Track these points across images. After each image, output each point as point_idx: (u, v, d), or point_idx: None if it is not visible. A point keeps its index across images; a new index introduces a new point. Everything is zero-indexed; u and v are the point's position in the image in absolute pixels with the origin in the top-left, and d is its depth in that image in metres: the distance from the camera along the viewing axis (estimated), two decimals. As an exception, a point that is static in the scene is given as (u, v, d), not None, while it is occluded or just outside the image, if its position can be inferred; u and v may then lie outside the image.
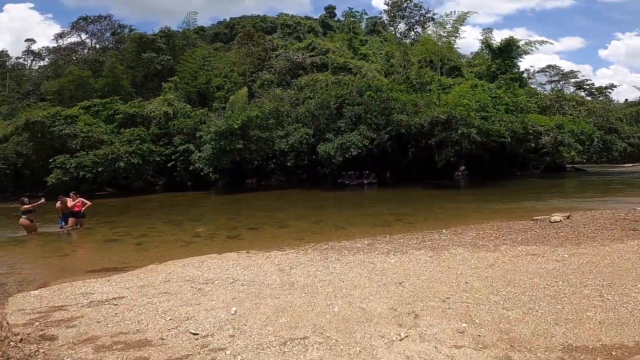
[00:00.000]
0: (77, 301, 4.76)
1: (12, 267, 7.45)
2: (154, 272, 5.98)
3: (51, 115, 28.46)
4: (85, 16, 45.95)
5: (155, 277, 5.63)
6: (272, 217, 13.48)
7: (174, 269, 6.09)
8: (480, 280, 5.13)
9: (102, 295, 4.95)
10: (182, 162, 31.12)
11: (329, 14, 60.71)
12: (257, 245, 8.54)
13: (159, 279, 5.55)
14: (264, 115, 27.04)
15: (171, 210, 18.05)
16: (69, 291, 5.17)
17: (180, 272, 5.87)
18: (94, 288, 5.29)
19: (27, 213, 11.70)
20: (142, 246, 9.21)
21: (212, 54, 41.25)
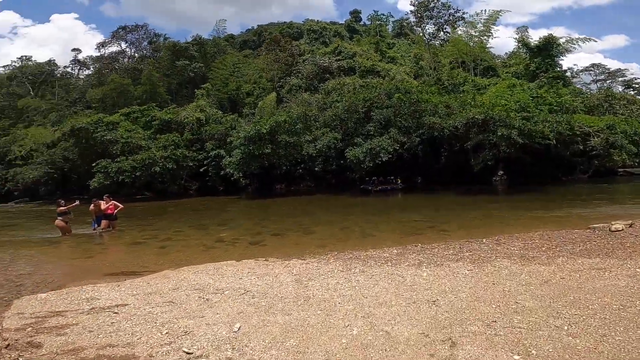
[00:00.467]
0: (79, 307, 4.47)
1: (37, 267, 7.44)
2: (166, 279, 5.60)
3: (94, 121, 29.99)
4: (124, 26, 48.37)
5: (165, 284, 5.24)
6: (298, 223, 12.96)
7: (187, 276, 5.69)
8: (535, 299, 4.26)
9: (106, 302, 4.63)
10: (213, 167, 31.67)
11: (354, 18, 60.18)
12: (279, 252, 8.04)
13: (168, 286, 5.15)
14: (292, 120, 26.82)
15: (200, 215, 18.13)
16: (75, 296, 4.90)
17: (191, 280, 5.45)
18: (101, 293, 4.99)
19: (62, 215, 11.93)
20: (165, 250, 9.01)
21: (242, 60, 41.98)
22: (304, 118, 28.05)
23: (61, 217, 11.91)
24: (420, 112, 24.60)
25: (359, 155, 23.41)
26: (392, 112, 25.14)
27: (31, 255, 9.07)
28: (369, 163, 23.39)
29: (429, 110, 24.48)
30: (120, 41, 46.44)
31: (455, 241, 7.71)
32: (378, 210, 16.53)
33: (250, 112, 33.76)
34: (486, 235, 8.40)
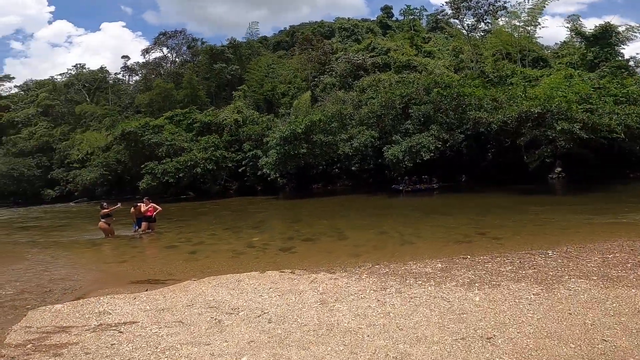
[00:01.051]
0: (87, 322, 4.13)
1: (71, 272, 7.46)
2: (183, 292, 5.14)
3: (142, 125, 31.54)
4: (164, 32, 50.37)
5: (181, 299, 4.78)
6: (332, 227, 12.23)
7: (205, 290, 5.19)
8: (629, 335, 3.21)
9: (115, 318, 4.25)
10: (251, 167, 32.00)
11: (386, 14, 58.06)
12: (308, 262, 7.41)
13: (183, 302, 4.67)
14: (327, 119, 26.17)
15: (236, 216, 18.07)
16: (89, 309, 4.58)
17: (209, 295, 4.94)
18: (115, 307, 4.63)
19: (105, 217, 12.19)
20: (195, 255, 8.75)
21: (276, 61, 42.12)
22: (339, 116, 27.28)
23: (104, 220, 12.16)
24: (464, 106, 22.81)
25: (398, 154, 22.19)
26: (431, 107, 23.58)
27: (71, 258, 9.26)
28: (408, 162, 22.10)
29: (473, 104, 22.59)
30: (162, 47, 48.72)
31: (512, 253, 6.54)
32: (419, 213, 15.29)
33: (286, 112, 33.68)
34: (549, 244, 7.12)
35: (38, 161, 42.28)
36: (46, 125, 44.42)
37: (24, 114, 46.07)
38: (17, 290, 5.94)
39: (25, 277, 6.94)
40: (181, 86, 40.14)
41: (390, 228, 11.34)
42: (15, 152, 42.27)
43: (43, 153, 42.45)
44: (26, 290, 5.99)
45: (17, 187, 41.05)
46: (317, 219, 15.09)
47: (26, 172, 40.82)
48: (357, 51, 39.93)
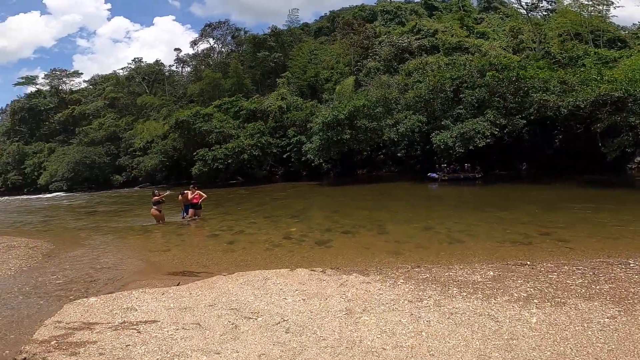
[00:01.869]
0: (112, 319, 4.19)
1: (118, 260, 7.76)
2: (209, 290, 5.03)
3: (193, 114, 33.00)
4: (209, 23, 51.44)
5: (205, 298, 4.66)
6: (373, 218, 11.62)
7: (231, 288, 5.02)
8: None
9: (139, 315, 4.25)
10: (295, 153, 32.16)
11: None
12: (343, 258, 7.01)
13: (206, 301, 4.55)
14: (371, 104, 25.10)
15: (278, 203, 18.18)
16: (118, 304, 4.67)
17: (233, 294, 4.78)
18: (143, 303, 4.65)
19: (156, 204, 12.77)
20: (232, 246, 8.77)
21: (318, 47, 41.46)
22: (384, 101, 26.04)
23: (156, 206, 12.70)
24: (525, 89, 20.45)
25: (447, 140, 20.64)
26: (486, 91, 21.43)
27: (122, 245, 9.82)
28: (459, 149, 20.47)
29: (537, 87, 20.14)
30: (209, 38, 50.17)
31: (584, 261, 5.52)
32: (473, 205, 14.01)
33: (330, 98, 33.09)
34: (633, 251, 5.95)
35: (107, 149, 46.42)
36: (113, 116, 48.59)
37: (93, 106, 50.82)
38: (67, 279, 6.32)
39: (77, 265, 7.41)
40: (228, 75, 41.21)
41: (437, 222, 10.47)
42: (87, 141, 46.87)
43: (111, 142, 46.53)
44: (75, 279, 6.34)
45: (90, 174, 45.61)
46: (358, 208, 14.58)
47: (97, 159, 45.12)
48: (401, 34, 37.84)
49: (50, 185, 47.00)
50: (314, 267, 6.16)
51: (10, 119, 58.87)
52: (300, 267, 6.14)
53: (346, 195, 19.66)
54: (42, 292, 5.66)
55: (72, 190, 44.61)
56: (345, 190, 22.17)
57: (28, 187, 51.14)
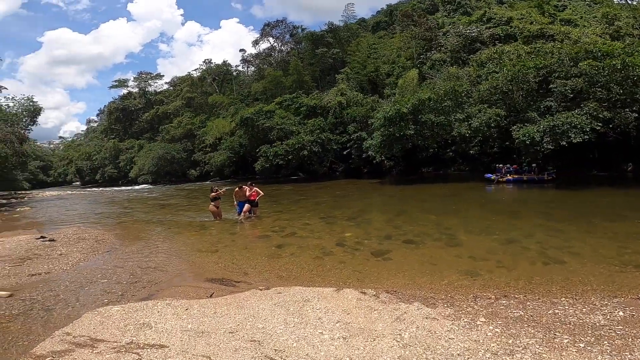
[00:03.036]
0: (120, 337, 3.64)
1: (168, 258, 7.50)
2: (238, 308, 4.19)
3: (256, 111, 33.70)
4: (268, 22, 52.62)
5: (229, 320, 3.84)
6: (441, 225, 9.92)
7: (263, 309, 4.11)
8: None
9: (150, 336, 3.63)
10: (356, 149, 30.98)
11: None
12: (402, 277, 5.73)
13: (228, 325, 3.71)
14: (438, 97, 22.74)
15: (336, 202, 17.16)
16: (135, 317, 4.12)
17: (262, 318, 3.88)
18: (160, 319, 3.99)
19: (214, 200, 12.68)
20: (280, 250, 8.00)
21: (377, 42, 39.54)
22: (453, 94, 23.41)
23: (213, 202, 12.64)
24: (634, 79, 16.52)
25: (534, 135, 17.62)
26: (584, 81, 17.82)
27: (176, 242, 9.65)
28: (548, 145, 17.34)
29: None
30: (268, 37, 51.15)
31: None
32: (570, 213, 11.39)
33: (392, 93, 31.18)
34: None
35: (184, 146, 50.25)
36: (189, 114, 52.43)
37: (173, 106, 55.42)
38: (111, 280, 6.04)
39: (128, 264, 7.22)
40: (289, 73, 41.44)
41: (524, 234, 8.49)
42: (168, 138, 51.26)
43: (187, 139, 50.27)
44: (118, 280, 6.05)
45: (170, 168, 49.89)
46: (424, 212, 12.91)
47: (176, 155, 49.11)
48: (468, 23, 34.14)
49: (139, 178, 52.57)
50: (365, 287, 5.00)
51: (108, 119, 67.32)
52: (349, 287, 5.04)
53: (410, 196, 17.92)
54: (78, 295, 5.39)
55: (156, 182, 49.28)
56: (409, 190, 20.38)
57: (122, 180, 57.94)
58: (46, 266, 7.23)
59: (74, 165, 70.48)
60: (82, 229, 12.24)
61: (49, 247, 9.00)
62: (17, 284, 6.03)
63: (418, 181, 24.18)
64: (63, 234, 10.90)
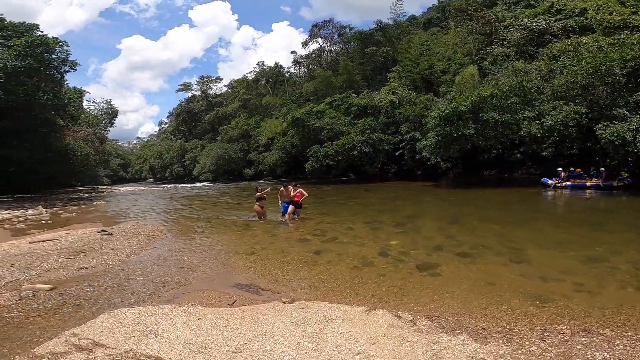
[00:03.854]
0: (122, 343, 3.51)
1: (204, 258, 7.37)
2: (251, 323, 3.84)
3: (306, 112, 33.79)
4: (316, 23, 52.40)
5: (236, 336, 3.50)
6: (505, 237, 8.57)
7: (278, 327, 3.68)
8: None
9: (151, 346, 3.46)
10: (409, 150, 29.50)
11: None
12: (450, 298, 4.82)
13: (234, 343, 3.36)
14: (502, 94, 20.49)
15: (386, 206, 16.25)
16: (146, 322, 3.98)
17: (274, 338, 3.47)
18: (169, 326, 3.84)
19: (259, 200, 12.56)
20: (317, 257, 7.48)
21: (430, 39, 37.20)
22: (520, 90, 20.95)
23: (258, 203, 12.62)
24: None
25: (624, 134, 14.95)
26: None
27: (217, 241, 9.66)
28: (642, 145, 14.60)
29: None
30: (317, 38, 51.17)
31: None
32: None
33: (448, 91, 29.12)
34: None
35: (241, 146, 52.61)
36: (245, 116, 54.74)
37: (231, 108, 58.34)
38: (146, 279, 6.08)
39: (168, 263, 7.28)
40: (338, 73, 41.01)
41: (610, 250, 6.97)
42: (226, 138, 54.04)
43: (244, 139, 52.52)
44: (153, 279, 6.07)
45: (228, 167, 52.57)
46: (485, 220, 11.45)
47: (233, 154, 51.59)
48: (534, 15, 30.50)
49: (200, 176, 56.28)
50: (402, 309, 4.28)
51: (175, 120, 73.26)
52: (383, 307, 4.37)
53: (469, 202, 16.31)
54: (110, 293, 5.45)
55: (215, 180, 52.31)
56: (467, 195, 18.65)
57: (187, 177, 62.62)
58: (95, 260, 7.56)
59: (148, 163, 77.94)
60: (140, 223, 12.98)
61: (105, 241, 9.54)
62: (64, 277, 6.32)
63: (478, 185, 22.14)
64: (122, 229, 11.61)
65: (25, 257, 7.93)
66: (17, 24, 27.82)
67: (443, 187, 23.91)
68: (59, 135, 29.61)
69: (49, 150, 28.36)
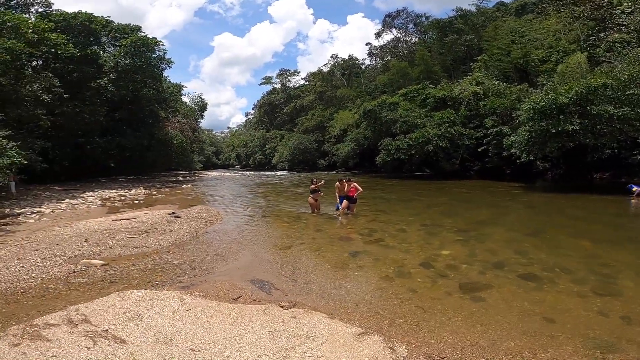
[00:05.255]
0: (106, 323, 3.70)
1: (242, 248, 7.57)
2: (229, 324, 3.57)
3: (379, 103, 32.40)
4: (389, 13, 49.50)
5: (205, 335, 3.37)
6: (595, 259, 6.69)
7: (249, 334, 3.37)
8: None
9: (127, 329, 3.56)
10: (494, 146, 26.09)
11: None
12: (480, 333, 3.79)
13: (197, 341, 3.26)
14: (619, 84, 16.38)
15: (454, 207, 14.59)
16: (139, 307, 4.15)
17: (239, 345, 3.24)
18: (155, 314, 3.88)
19: (313, 192, 12.38)
20: (351, 260, 6.69)
21: (523, 25, 31.75)
22: (644, 80, 16.45)
23: (312, 195, 12.45)
24: None
25: None
26: None
27: (262, 231, 9.79)
28: None
29: None
30: (391, 28, 48.44)
31: None
32: None
33: (548, 81, 24.75)
34: None
35: (316, 137, 53.67)
36: (320, 107, 55.47)
37: (307, 100, 59.70)
38: (181, 263, 6.43)
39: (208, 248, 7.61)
40: (415, 63, 38.32)
41: None
42: (303, 130, 55.63)
43: (319, 130, 53.41)
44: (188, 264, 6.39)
45: (303, 157, 54.23)
46: (573, 235, 9.25)
47: (308, 145, 52.93)
48: None
49: (278, 164, 59.33)
50: (399, 341, 3.53)
51: (258, 112, 78.27)
52: (380, 333, 3.66)
53: (563, 210, 13.57)
54: (143, 275, 5.84)
55: (292, 170, 54.57)
56: (564, 201, 15.57)
57: (267, 165, 66.73)
58: (152, 240, 8.25)
59: (235, 151, 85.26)
60: (206, 208, 14.00)
61: (170, 223, 10.44)
62: (119, 254, 7.02)
63: (583, 190, 18.40)
64: (189, 212, 12.62)
65: (101, 233, 9.06)
66: (124, 26, 32.40)
67: (534, 190, 20.59)
68: (161, 125, 34.00)
69: (152, 138, 32.80)
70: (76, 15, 27.95)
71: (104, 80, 27.85)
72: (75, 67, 25.19)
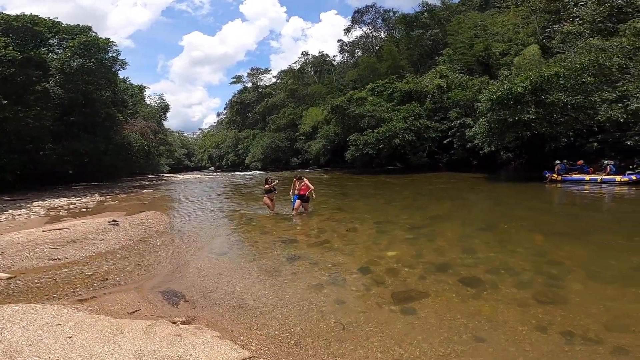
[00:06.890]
0: None
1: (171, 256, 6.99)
2: (94, 341, 3.00)
3: (346, 99, 32.09)
4: (358, 9, 50.39)
5: (59, 352, 2.72)
6: (544, 257, 6.26)
7: (110, 354, 2.77)
8: None
9: None
10: (458, 138, 26.31)
11: None
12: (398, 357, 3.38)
13: (46, 357, 2.61)
14: (571, 72, 16.70)
15: (413, 202, 14.29)
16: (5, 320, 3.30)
17: None
18: (21, 327, 3.21)
19: (268, 192, 11.92)
20: (286, 265, 6.13)
21: (485, 19, 32.63)
22: (597, 68, 16.84)
23: (267, 195, 11.98)
24: None
25: None
26: None
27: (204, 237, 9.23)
28: None
29: None
30: (360, 24, 48.92)
31: None
32: None
33: (509, 73, 25.31)
34: None
35: (288, 135, 52.85)
36: (292, 105, 54.70)
37: (278, 98, 58.77)
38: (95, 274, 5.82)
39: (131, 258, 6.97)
40: (383, 59, 38.40)
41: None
42: (275, 128, 54.68)
43: (290, 128, 52.64)
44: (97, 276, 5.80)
45: (275, 156, 53.33)
46: (530, 228, 8.77)
47: (280, 143, 52.06)
48: None
49: (251, 164, 58.07)
50: None
51: (230, 112, 76.45)
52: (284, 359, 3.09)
53: (518, 200, 13.59)
54: (44, 287, 5.12)
55: (264, 169, 53.47)
56: (522, 192, 15.68)
57: (240, 165, 65.21)
58: (75, 251, 7.54)
59: (207, 152, 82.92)
60: (155, 213, 13.07)
61: (105, 232, 9.54)
62: (31, 267, 6.40)
63: (540, 179, 18.68)
64: (132, 219, 11.67)
65: (23, 245, 8.16)
66: (72, 27, 30.44)
67: (496, 180, 20.78)
68: (118, 128, 32.12)
69: (110, 142, 30.95)
70: (18, 17, 25.93)
71: (49, 83, 25.88)
72: (18, 70, 23.26)
